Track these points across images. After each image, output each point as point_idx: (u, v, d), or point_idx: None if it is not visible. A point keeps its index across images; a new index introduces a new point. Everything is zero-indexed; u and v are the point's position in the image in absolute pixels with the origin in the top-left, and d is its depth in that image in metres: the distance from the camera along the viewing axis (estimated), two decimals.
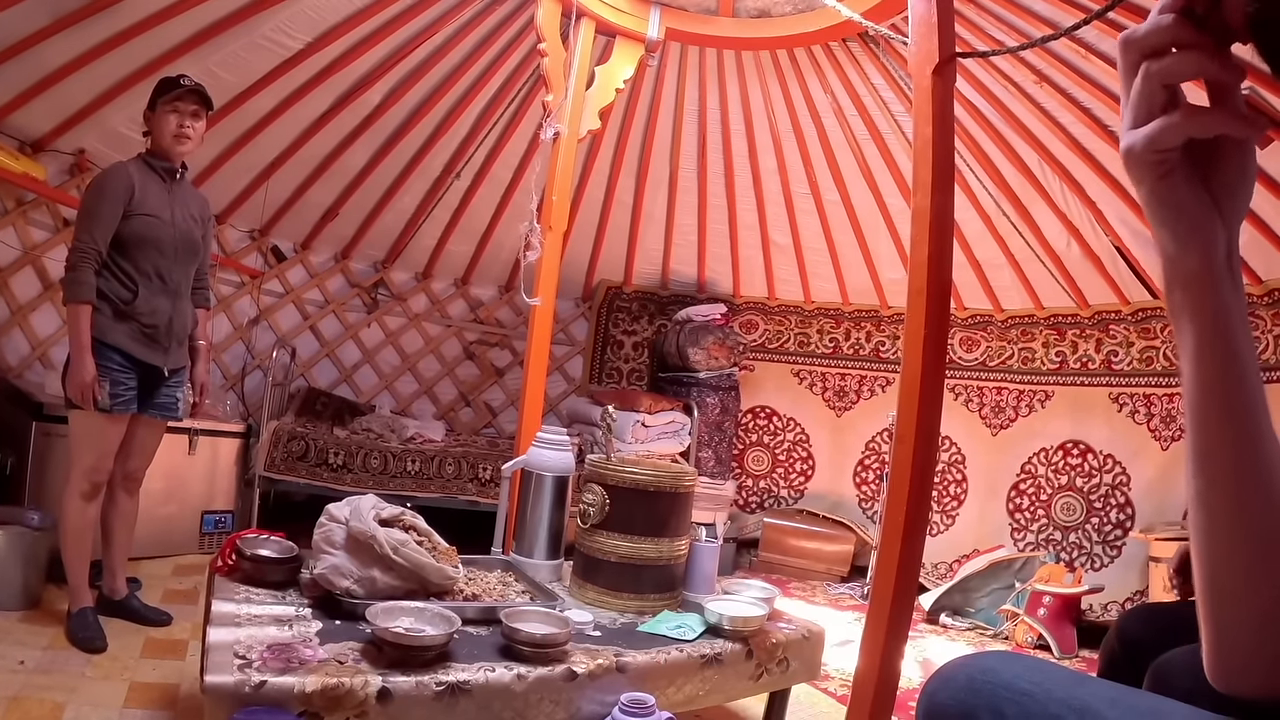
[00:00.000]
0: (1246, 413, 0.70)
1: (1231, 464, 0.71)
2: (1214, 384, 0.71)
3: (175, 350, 3.38)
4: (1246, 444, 0.70)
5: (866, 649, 2.53)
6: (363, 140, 5.43)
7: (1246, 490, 0.70)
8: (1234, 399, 0.71)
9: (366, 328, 6.57)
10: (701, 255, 6.79)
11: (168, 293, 3.30)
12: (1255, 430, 0.70)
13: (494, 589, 2.46)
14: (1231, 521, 0.71)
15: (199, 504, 4.68)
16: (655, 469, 2.62)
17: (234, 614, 2.00)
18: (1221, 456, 0.71)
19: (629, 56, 4.41)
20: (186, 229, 3.35)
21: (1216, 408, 0.71)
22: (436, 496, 5.19)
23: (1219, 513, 0.72)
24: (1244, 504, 0.70)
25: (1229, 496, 0.71)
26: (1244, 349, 0.71)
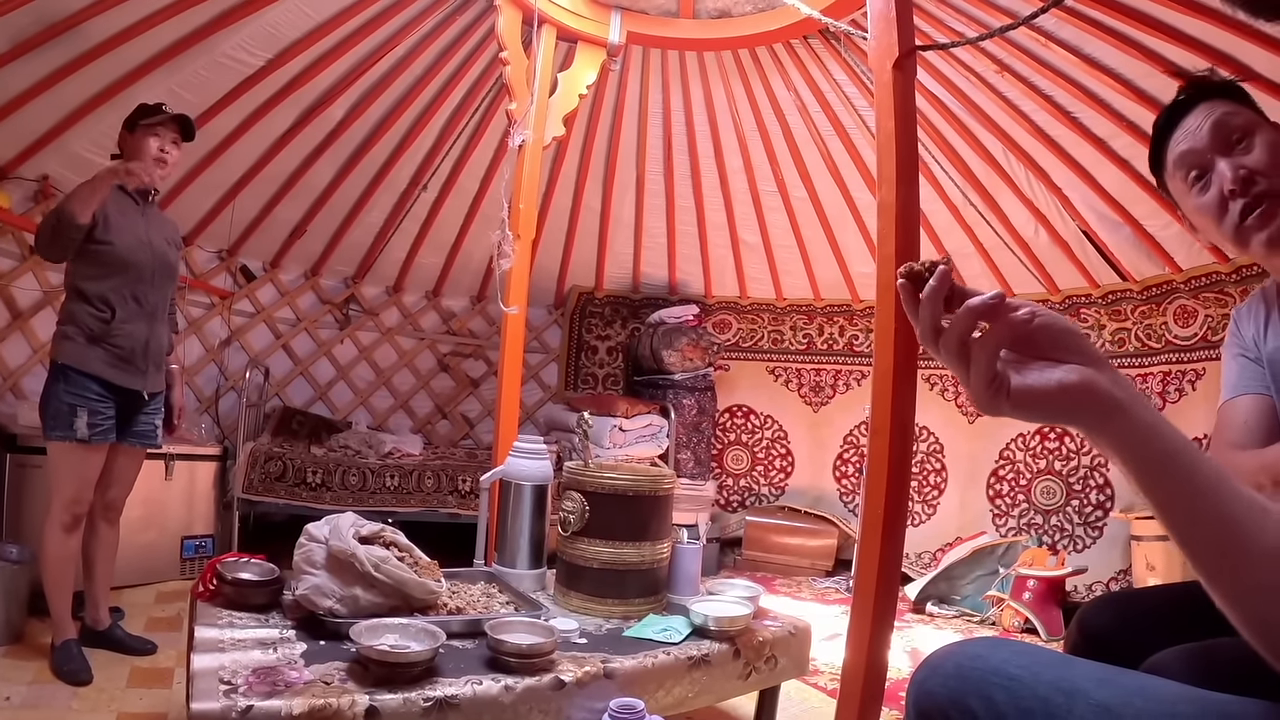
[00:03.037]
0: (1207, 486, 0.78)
1: (1198, 521, 0.79)
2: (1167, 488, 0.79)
3: (153, 374, 3.35)
4: (1212, 505, 0.78)
5: (853, 641, 2.54)
6: (328, 156, 5.40)
7: (1228, 536, 0.77)
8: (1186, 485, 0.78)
9: (339, 344, 6.54)
10: (672, 257, 6.80)
11: (144, 316, 3.27)
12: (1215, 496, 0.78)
13: (478, 601, 2.46)
14: (1219, 556, 0.78)
15: (178, 529, 4.63)
16: (633, 473, 2.63)
17: (218, 639, 1.99)
18: (1195, 522, 0.79)
19: (591, 62, 4.42)
20: (163, 251, 3.34)
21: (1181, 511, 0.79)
22: (417, 511, 5.17)
23: (1207, 558, 0.79)
24: (1225, 547, 0.78)
25: (1210, 544, 0.79)
26: (1171, 444, 0.79)
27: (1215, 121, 1.49)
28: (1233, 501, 0.76)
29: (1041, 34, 4.05)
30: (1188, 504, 0.78)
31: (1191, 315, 5.03)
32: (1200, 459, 0.78)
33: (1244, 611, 0.77)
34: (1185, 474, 0.78)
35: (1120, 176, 4.55)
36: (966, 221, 5.51)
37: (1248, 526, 0.75)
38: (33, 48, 3.96)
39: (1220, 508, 0.76)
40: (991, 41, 4.18)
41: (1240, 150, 1.46)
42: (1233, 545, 0.76)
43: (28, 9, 3.73)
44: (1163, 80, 3.94)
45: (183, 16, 4.12)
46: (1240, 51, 3.65)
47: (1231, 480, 0.78)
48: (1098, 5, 3.74)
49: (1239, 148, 1.46)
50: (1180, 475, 0.78)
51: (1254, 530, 0.75)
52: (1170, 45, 3.76)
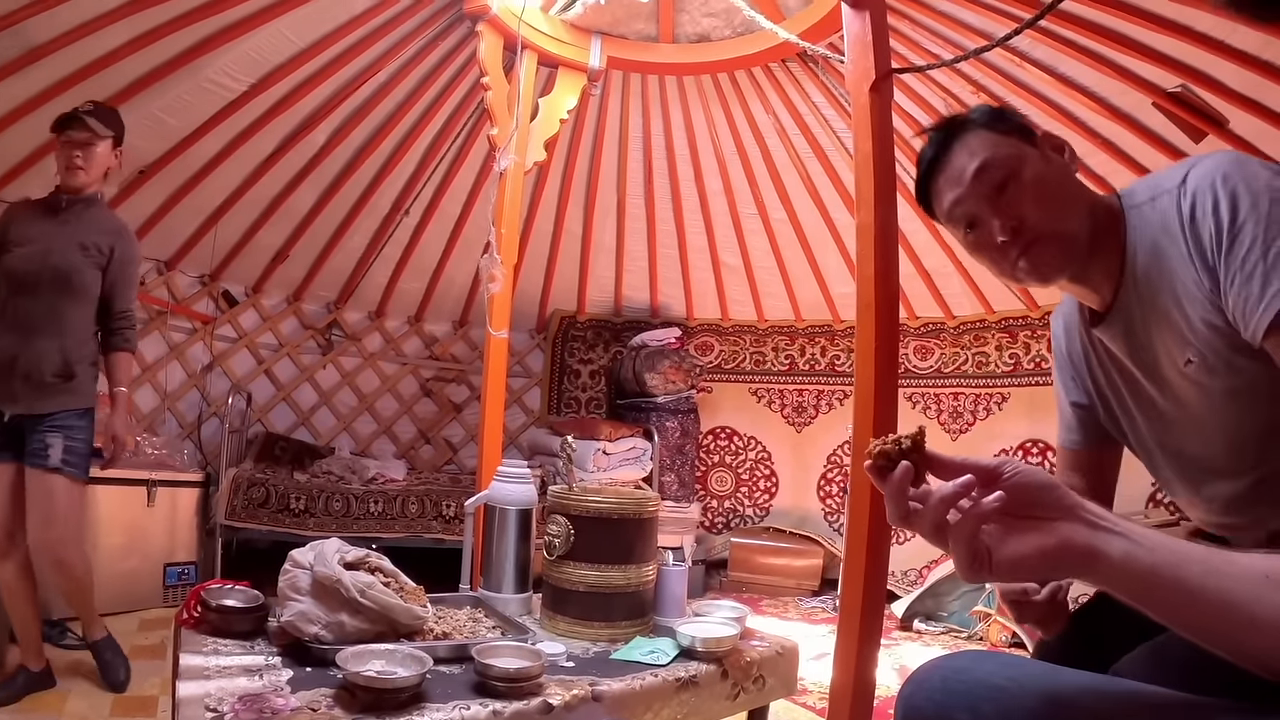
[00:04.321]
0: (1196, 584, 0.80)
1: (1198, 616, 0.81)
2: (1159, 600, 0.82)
3: (29, 394, 3.07)
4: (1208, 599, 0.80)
5: (840, 660, 2.54)
6: (310, 181, 5.42)
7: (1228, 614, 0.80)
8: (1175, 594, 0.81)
9: (322, 369, 6.53)
10: (653, 280, 6.84)
11: (18, 329, 3.05)
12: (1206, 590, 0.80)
13: (464, 626, 2.45)
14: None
15: (160, 556, 4.60)
16: (618, 497, 2.63)
17: (202, 667, 1.98)
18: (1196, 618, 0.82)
19: (572, 87, 4.45)
20: (59, 260, 3.10)
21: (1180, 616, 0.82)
22: (401, 536, 5.16)
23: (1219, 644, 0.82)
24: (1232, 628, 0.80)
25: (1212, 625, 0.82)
26: (1150, 563, 0.81)
27: (979, 169, 1.46)
28: (1228, 584, 0.79)
29: (1016, 54, 4.10)
30: (1185, 609, 0.81)
31: None
32: (1185, 561, 0.81)
33: (1274, 674, 0.79)
34: (1172, 584, 0.80)
35: None
36: (945, 241, 5.55)
37: (1247, 602, 0.78)
38: (15, 71, 3.97)
39: (1218, 596, 0.79)
40: (967, 63, 4.23)
41: (1006, 195, 1.44)
42: (1237, 625, 0.78)
43: (10, 31, 3.75)
44: (1137, 97, 4.01)
45: (166, 41, 4.14)
46: (1213, 68, 3.72)
47: (1222, 562, 0.80)
48: (1071, 25, 3.80)
49: (1005, 194, 1.44)
50: (1168, 586, 0.80)
51: (1254, 604, 0.77)
52: (1143, 63, 3.82)
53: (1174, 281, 1.35)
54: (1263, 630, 0.77)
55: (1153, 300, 1.40)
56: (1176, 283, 1.34)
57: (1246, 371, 1.30)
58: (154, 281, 5.60)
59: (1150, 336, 1.44)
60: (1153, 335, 1.43)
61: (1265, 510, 1.40)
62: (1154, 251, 1.38)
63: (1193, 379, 1.38)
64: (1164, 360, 1.43)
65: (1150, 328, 1.43)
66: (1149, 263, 1.39)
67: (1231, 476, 1.42)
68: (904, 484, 0.89)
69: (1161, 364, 1.45)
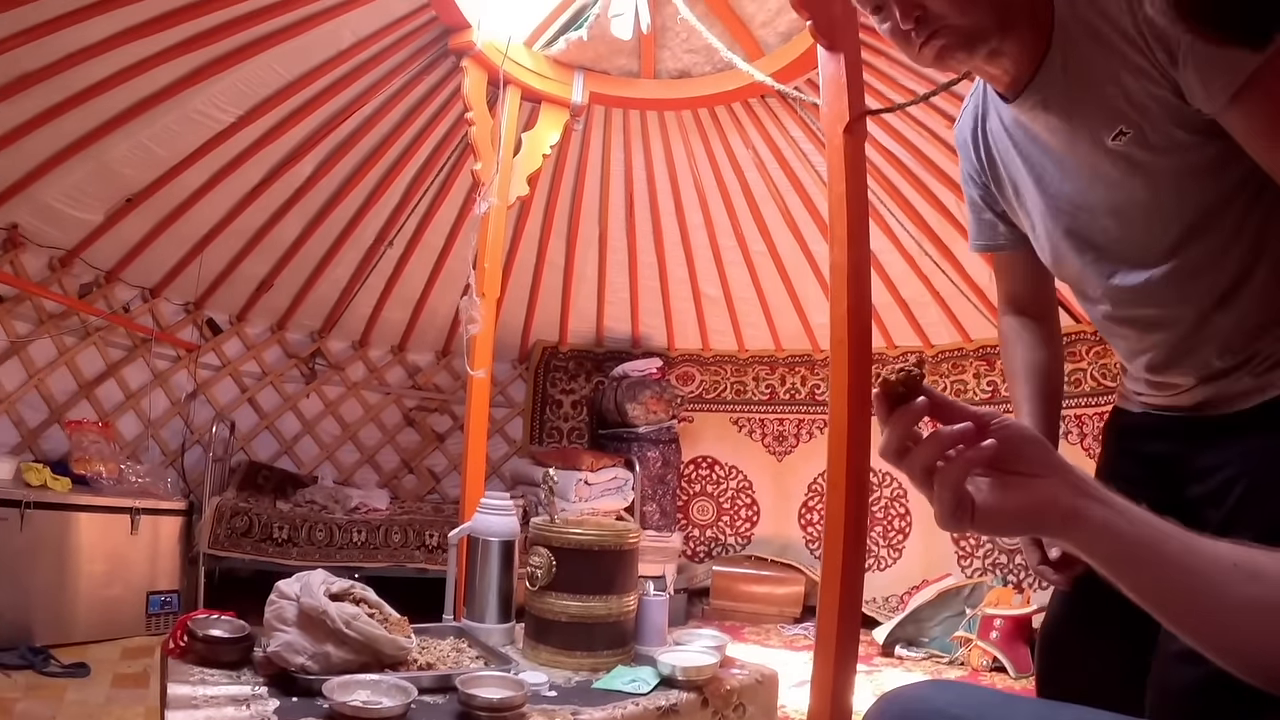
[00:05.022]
0: (1172, 563, 0.80)
1: (1168, 595, 0.81)
2: (1132, 577, 0.82)
3: None
4: (1178, 577, 0.80)
5: (817, 688, 2.58)
6: (295, 212, 5.46)
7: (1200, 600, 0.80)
8: (1163, 565, 0.80)
9: (305, 398, 6.54)
10: (634, 311, 6.90)
11: None
12: (1182, 568, 0.80)
13: (448, 656, 2.48)
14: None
15: (143, 585, 4.60)
16: (599, 528, 2.67)
17: (190, 696, 2.00)
18: (1166, 597, 0.81)
19: (555, 122, 4.52)
20: None
21: (1150, 592, 0.81)
22: (385, 566, 5.17)
23: (1183, 625, 0.82)
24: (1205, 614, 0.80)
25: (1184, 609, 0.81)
26: (1130, 537, 0.81)
27: None
28: (1201, 566, 0.79)
29: None
30: (1157, 585, 0.81)
31: None
32: (1164, 538, 0.81)
33: (1231, 664, 0.79)
34: (1147, 558, 0.80)
35: None
36: (922, 270, 5.63)
37: (1216, 587, 0.78)
38: (5, 98, 4.00)
39: (1190, 578, 0.79)
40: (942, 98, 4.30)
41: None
42: (1203, 609, 0.79)
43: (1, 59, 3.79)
44: None
45: (155, 71, 4.18)
46: None
47: (1199, 545, 0.80)
48: None
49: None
50: (1143, 560, 0.81)
51: (1221, 591, 0.78)
52: None
53: (1109, 52, 1.30)
54: (1224, 618, 0.78)
55: (1081, 72, 1.35)
56: (1113, 53, 1.29)
57: (1186, 148, 1.29)
58: (139, 309, 5.61)
59: (1072, 111, 1.39)
60: (1075, 109, 1.38)
61: (1183, 307, 1.40)
62: (1087, 24, 1.33)
63: (1121, 152, 1.34)
64: (1084, 134, 1.39)
65: (1074, 101, 1.38)
66: (1078, 34, 1.34)
67: (1150, 262, 1.41)
68: (913, 421, 0.87)
69: (1081, 139, 1.40)
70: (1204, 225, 1.34)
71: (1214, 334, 1.38)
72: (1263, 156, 1.23)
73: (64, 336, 5.19)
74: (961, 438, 0.84)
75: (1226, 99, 1.19)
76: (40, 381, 5.06)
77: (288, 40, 4.25)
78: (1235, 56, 1.16)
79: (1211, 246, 1.35)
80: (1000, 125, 1.58)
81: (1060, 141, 1.44)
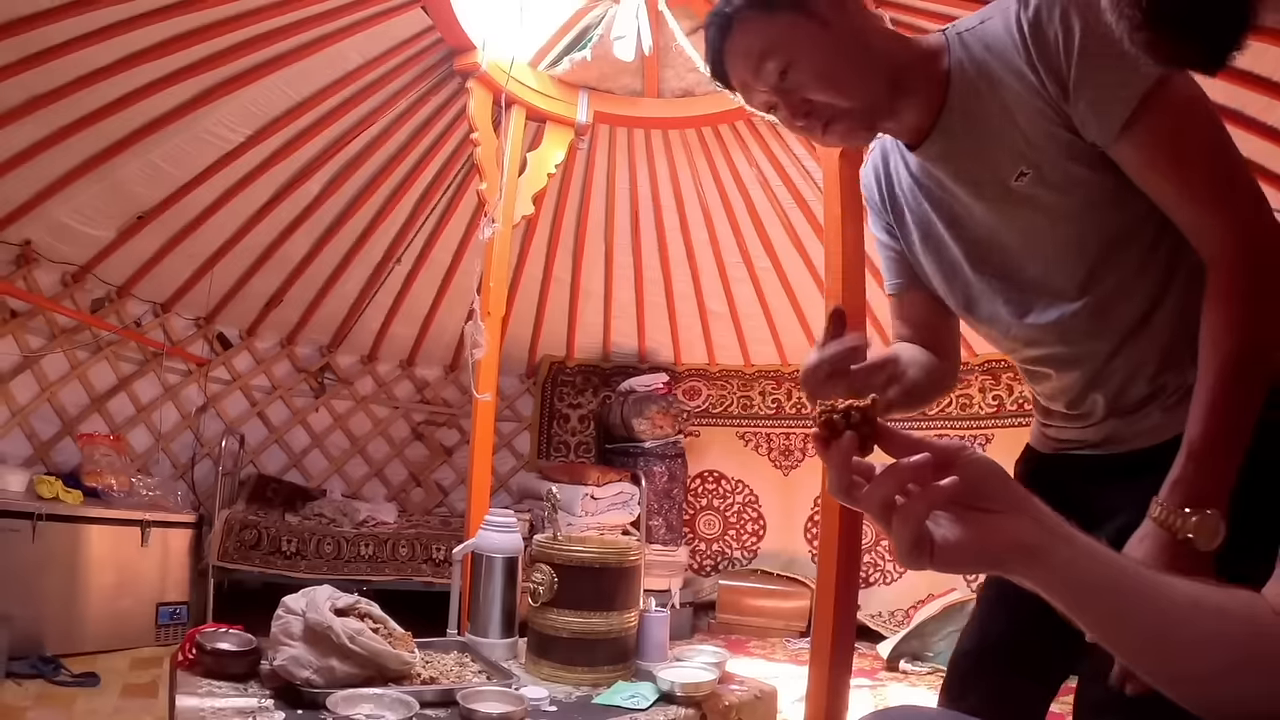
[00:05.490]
0: (1133, 602, 0.79)
1: (1126, 632, 0.81)
2: (1094, 613, 0.81)
3: None
4: (1140, 615, 0.79)
5: (812, 703, 2.62)
6: (304, 229, 5.52)
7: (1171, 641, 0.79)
8: (1122, 603, 0.79)
9: (314, 412, 6.60)
10: (641, 327, 6.94)
11: None
12: (1143, 606, 0.79)
13: (451, 671, 2.52)
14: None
15: (153, 596, 4.65)
16: (601, 546, 2.71)
17: (198, 708, 2.05)
18: (1124, 633, 0.81)
19: (559, 141, 4.56)
20: None
21: (1116, 616, 0.80)
22: (391, 579, 5.21)
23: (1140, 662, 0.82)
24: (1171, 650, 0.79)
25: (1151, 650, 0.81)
26: (1093, 576, 0.79)
27: (756, 65, 1.40)
28: (1162, 605, 0.78)
29: None
30: (1116, 625, 0.80)
31: None
32: (1123, 577, 0.80)
33: (1189, 700, 0.79)
34: (1108, 599, 0.79)
35: None
36: None
37: (1174, 626, 0.77)
38: (19, 118, 4.06)
39: (1150, 618, 0.78)
40: None
41: (789, 83, 1.39)
42: (1161, 648, 0.79)
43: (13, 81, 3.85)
44: None
45: (165, 93, 4.24)
46: None
47: (1159, 584, 0.80)
48: None
49: (787, 81, 1.38)
50: (1104, 601, 0.79)
51: (1180, 629, 0.77)
52: None
53: (1005, 94, 1.32)
54: (1183, 654, 0.77)
55: (980, 117, 1.37)
56: (1008, 94, 1.32)
57: (1085, 183, 1.31)
58: (150, 323, 5.68)
59: (974, 154, 1.41)
60: (977, 153, 1.40)
61: (1097, 341, 1.40)
62: (982, 69, 1.35)
63: (1025, 193, 1.36)
64: (988, 178, 1.40)
65: (975, 145, 1.40)
66: (975, 79, 1.36)
67: (1063, 300, 1.41)
68: (848, 455, 0.82)
69: (986, 182, 1.41)
70: (1111, 259, 1.36)
71: (1126, 365, 1.39)
72: (1153, 188, 1.26)
73: (76, 351, 5.26)
74: (919, 472, 0.79)
75: (1117, 130, 1.22)
76: (53, 395, 5.13)
77: (295, 63, 4.31)
78: (1125, 89, 1.20)
79: (1121, 279, 1.36)
80: (907, 172, 1.58)
81: (966, 186, 1.45)
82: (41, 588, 4.09)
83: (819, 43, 1.37)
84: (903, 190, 1.60)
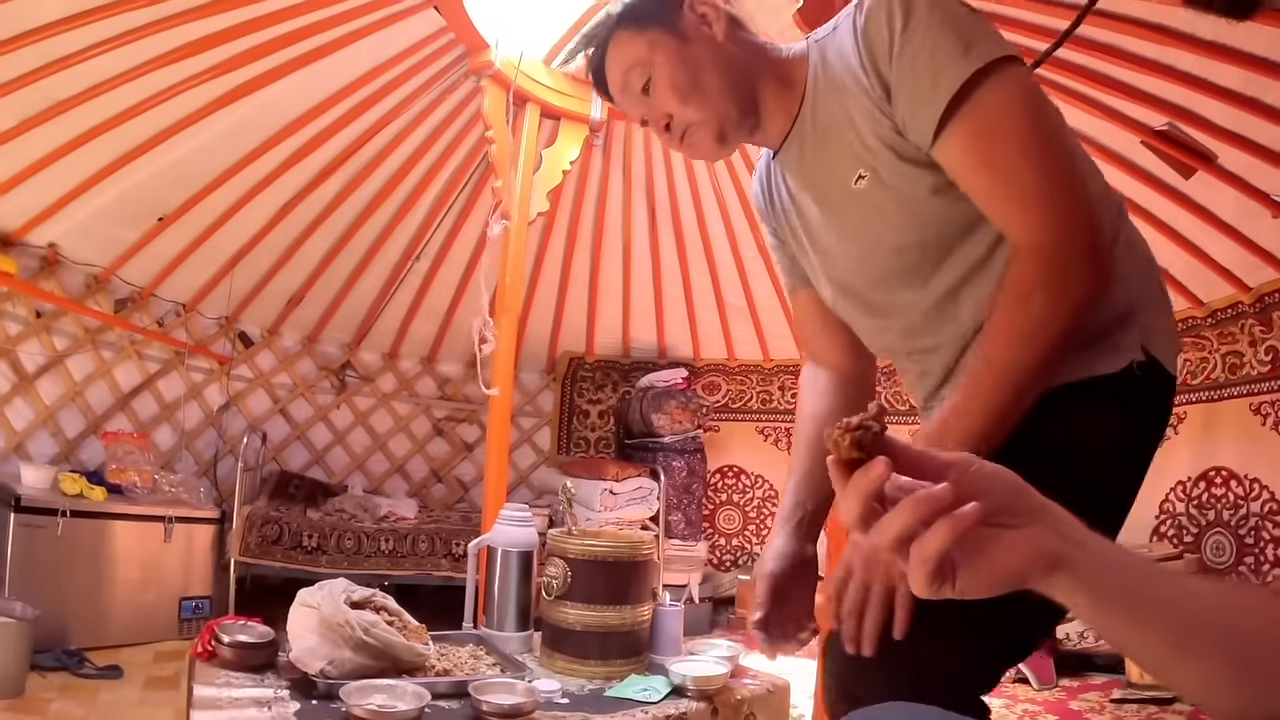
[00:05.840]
0: (1157, 608, 0.76)
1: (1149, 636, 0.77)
2: (1122, 616, 0.76)
3: None
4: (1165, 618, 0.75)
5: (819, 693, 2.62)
6: (323, 228, 5.58)
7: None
8: (1143, 610, 0.76)
9: (336, 409, 6.66)
10: (660, 322, 6.96)
11: None
12: (1169, 607, 0.76)
13: (465, 663, 2.55)
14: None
15: (176, 591, 4.70)
16: (614, 540, 2.73)
17: (215, 698, 2.08)
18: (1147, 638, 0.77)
19: (574, 138, 4.58)
20: None
21: (1139, 624, 0.76)
22: (411, 574, 5.25)
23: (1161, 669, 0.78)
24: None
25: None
26: (1123, 582, 0.75)
27: (622, 80, 1.48)
28: (1184, 616, 0.75)
29: None
30: (1137, 637, 0.77)
31: None
32: (1146, 587, 0.76)
33: (1212, 706, 0.76)
34: (1129, 612, 0.76)
35: None
36: None
37: (1200, 627, 0.74)
38: (40, 123, 4.10)
39: (1171, 630, 0.75)
40: None
41: (652, 97, 1.46)
42: (1182, 658, 0.75)
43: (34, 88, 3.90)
44: (1125, 137, 4.11)
45: (184, 97, 4.28)
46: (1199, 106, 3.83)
47: (1181, 594, 0.77)
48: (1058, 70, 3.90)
49: (649, 95, 1.45)
50: (1126, 614, 0.76)
51: (1200, 635, 0.74)
52: (1130, 104, 3.94)
53: (846, 98, 1.35)
54: (1205, 660, 0.75)
55: (826, 121, 1.40)
56: (849, 98, 1.34)
57: (919, 181, 1.31)
58: (173, 323, 5.74)
59: (821, 159, 1.43)
60: (824, 157, 1.42)
61: (950, 330, 1.41)
62: (829, 73, 1.38)
63: (864, 195, 1.37)
64: (834, 182, 1.42)
65: (822, 149, 1.42)
66: (824, 85, 1.39)
67: (913, 294, 1.42)
68: (878, 485, 0.73)
69: (831, 186, 1.44)
70: (953, 255, 1.36)
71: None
72: (968, 189, 1.27)
73: (102, 351, 5.33)
74: (941, 503, 0.72)
75: (931, 132, 1.24)
76: (79, 394, 5.20)
77: (311, 64, 4.35)
78: (936, 92, 1.21)
79: (964, 270, 1.37)
80: (781, 179, 1.62)
81: (814, 191, 1.49)
82: (67, 583, 4.14)
83: (676, 58, 1.43)
84: (780, 198, 1.64)
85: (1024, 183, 1.22)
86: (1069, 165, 1.25)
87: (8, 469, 4.67)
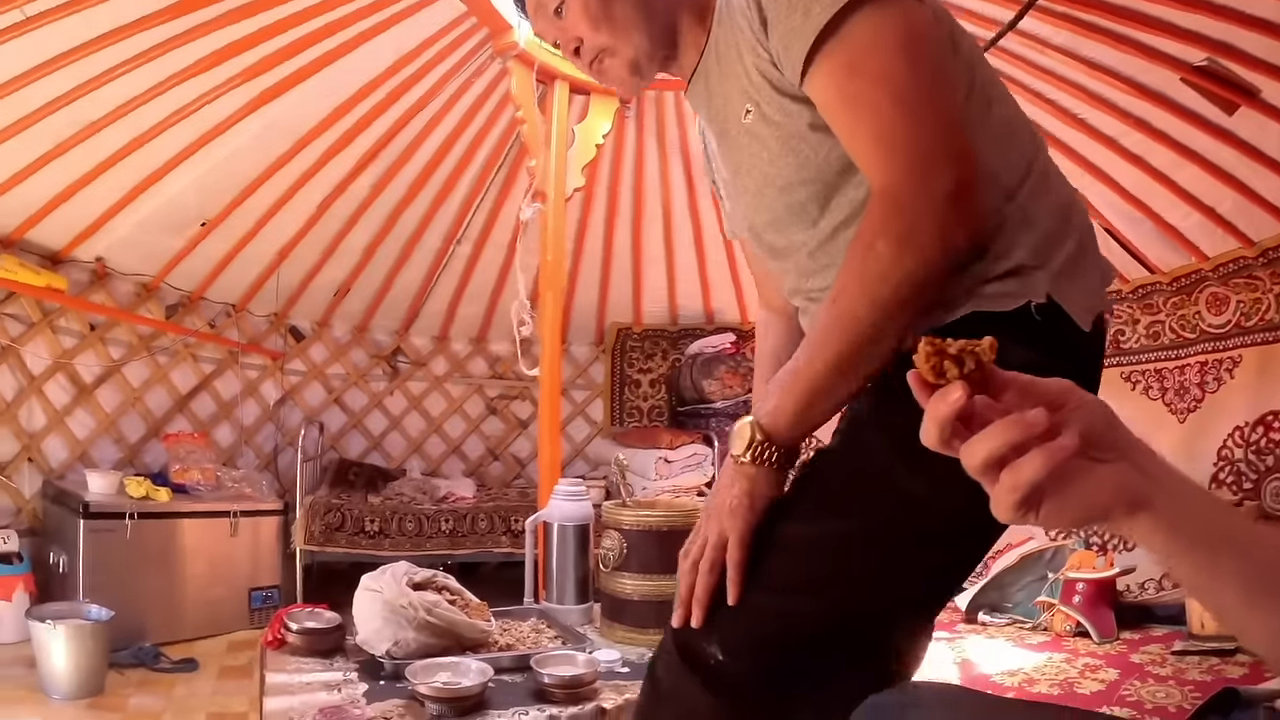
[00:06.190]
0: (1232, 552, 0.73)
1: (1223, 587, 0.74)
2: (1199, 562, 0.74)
3: None
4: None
5: None
6: (364, 220, 5.62)
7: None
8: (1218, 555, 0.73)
9: (390, 395, 6.75)
10: (705, 287, 6.93)
11: None
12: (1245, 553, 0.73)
13: (527, 638, 2.60)
14: None
15: (245, 582, 4.81)
16: (667, 510, 2.76)
17: (287, 683, 2.15)
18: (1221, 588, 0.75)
19: (605, 112, 4.57)
20: None
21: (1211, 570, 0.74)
22: (472, 553, 5.31)
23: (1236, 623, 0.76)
24: None
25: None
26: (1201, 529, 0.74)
27: (538, 2, 1.44)
28: (1259, 555, 0.73)
29: (1037, 41, 4.13)
30: (1210, 584, 0.75)
31: (1224, 302, 4.96)
32: (1222, 529, 0.74)
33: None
34: (1205, 557, 0.74)
35: (1135, 172, 4.58)
36: None
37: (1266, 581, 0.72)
38: (76, 144, 4.18)
39: (1240, 579, 0.73)
40: (990, 55, 4.26)
41: (565, 20, 1.42)
42: (1249, 609, 0.73)
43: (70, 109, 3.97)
44: (1164, 74, 4.00)
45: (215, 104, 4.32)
46: (1239, 39, 3.69)
47: (1261, 535, 0.74)
48: (1089, 9, 3.79)
49: (560, 17, 1.42)
50: (1200, 560, 0.74)
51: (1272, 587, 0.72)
52: (1167, 40, 3.81)
53: (738, 35, 1.31)
54: (1272, 616, 0.71)
55: (724, 54, 1.37)
56: (739, 35, 1.31)
57: (798, 116, 1.27)
58: (224, 323, 5.85)
59: (721, 92, 1.40)
60: (722, 90, 1.40)
61: (836, 274, 1.31)
62: (729, 11, 1.35)
63: (751, 130, 1.35)
64: (731, 117, 1.40)
65: (720, 83, 1.40)
66: (725, 18, 1.36)
67: (801, 233, 1.38)
68: (955, 410, 0.71)
69: (728, 120, 1.41)
70: (835, 192, 1.31)
71: None
72: (834, 128, 1.23)
73: (157, 356, 5.45)
74: (1034, 428, 0.70)
75: (799, 69, 1.20)
76: (138, 400, 5.33)
77: (336, 61, 4.36)
78: (805, 25, 1.17)
79: (847, 212, 1.31)
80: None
81: (718, 124, 1.46)
82: (139, 582, 4.26)
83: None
84: (707, 138, 1.62)
85: (881, 121, 1.17)
86: (938, 105, 1.18)
87: (74, 477, 4.80)
